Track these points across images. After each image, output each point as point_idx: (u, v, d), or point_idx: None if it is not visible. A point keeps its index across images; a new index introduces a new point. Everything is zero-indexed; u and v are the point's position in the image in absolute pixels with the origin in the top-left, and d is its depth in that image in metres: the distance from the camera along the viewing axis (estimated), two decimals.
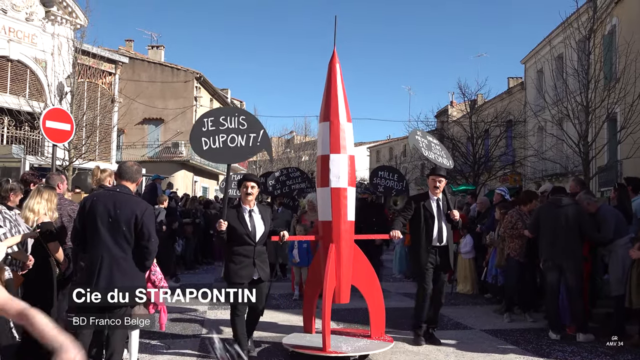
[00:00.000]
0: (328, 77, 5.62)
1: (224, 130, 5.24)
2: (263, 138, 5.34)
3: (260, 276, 5.01)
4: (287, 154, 39.25)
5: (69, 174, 13.09)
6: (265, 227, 5.10)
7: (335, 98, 5.54)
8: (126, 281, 4.05)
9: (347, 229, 5.45)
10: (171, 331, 6.21)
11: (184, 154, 28.64)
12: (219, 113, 5.43)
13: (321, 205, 5.58)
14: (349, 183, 5.48)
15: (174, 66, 29.91)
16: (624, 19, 16.61)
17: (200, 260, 13.17)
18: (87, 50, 15.84)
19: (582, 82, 13.00)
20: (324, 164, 5.49)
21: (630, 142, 12.49)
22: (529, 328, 6.55)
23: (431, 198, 5.87)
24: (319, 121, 5.68)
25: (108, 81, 21.72)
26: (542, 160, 19.20)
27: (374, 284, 5.71)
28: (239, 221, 5.00)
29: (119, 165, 4.47)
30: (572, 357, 5.30)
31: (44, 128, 8.65)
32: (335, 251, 5.35)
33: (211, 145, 5.22)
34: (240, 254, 4.95)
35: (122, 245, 4.08)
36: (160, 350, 5.45)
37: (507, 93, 27.19)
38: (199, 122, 5.33)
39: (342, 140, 5.47)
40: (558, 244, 6.00)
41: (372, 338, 5.56)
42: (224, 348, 4.86)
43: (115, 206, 4.09)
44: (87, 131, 15.26)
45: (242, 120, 5.29)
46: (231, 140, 5.24)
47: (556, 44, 18.96)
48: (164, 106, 28.62)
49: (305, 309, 5.93)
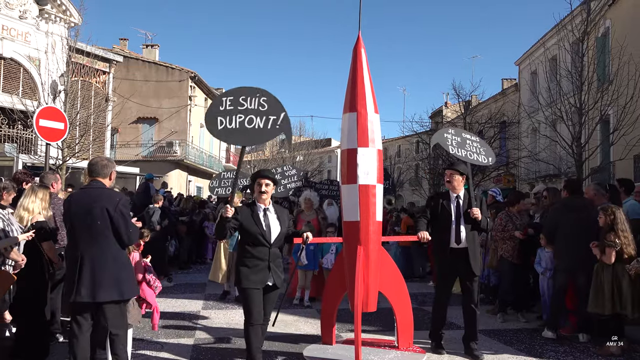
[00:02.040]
0: (353, 64, 5.15)
1: (242, 110, 4.90)
2: (283, 121, 4.94)
3: (275, 282, 4.61)
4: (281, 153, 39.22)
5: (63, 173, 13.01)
6: (282, 228, 4.67)
7: (362, 86, 5.08)
8: (108, 278, 4.02)
9: (376, 230, 5.05)
10: (165, 331, 6.19)
11: (178, 153, 28.56)
12: (240, 92, 5.00)
13: (347, 204, 5.12)
14: (377, 180, 5.06)
15: (168, 65, 29.82)
16: (618, 21, 16.72)
17: (193, 260, 13.15)
18: (81, 48, 15.73)
19: (575, 84, 13.07)
20: (351, 159, 5.05)
21: (623, 143, 12.57)
22: (522, 328, 6.58)
23: (451, 196, 5.40)
24: (344, 112, 5.21)
25: (102, 80, 21.63)
26: (536, 162, 19.28)
27: (402, 291, 5.33)
28: (252, 220, 4.55)
29: (88, 163, 4.39)
30: (565, 357, 5.34)
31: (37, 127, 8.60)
32: (364, 254, 4.93)
33: (227, 125, 4.87)
34: (254, 256, 4.52)
35: (100, 241, 4.05)
36: (153, 351, 5.43)
37: (501, 94, 27.30)
38: (217, 101, 4.99)
39: (371, 132, 5.04)
40: (573, 247, 5.88)
41: (400, 349, 5.24)
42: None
43: (88, 203, 4.08)
44: (80, 130, 15.16)
45: (262, 102, 4.94)
46: (249, 121, 4.89)
47: (550, 45, 19.05)
48: (158, 105, 28.53)
49: (324, 318, 5.50)
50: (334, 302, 5.41)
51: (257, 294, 4.48)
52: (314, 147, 42.12)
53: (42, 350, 4.82)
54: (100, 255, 4.05)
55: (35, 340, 4.78)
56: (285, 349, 5.54)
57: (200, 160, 31.26)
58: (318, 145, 45.02)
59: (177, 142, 28.41)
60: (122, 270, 4.12)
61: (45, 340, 4.91)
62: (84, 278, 4.01)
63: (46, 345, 4.89)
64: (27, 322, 4.80)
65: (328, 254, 7.91)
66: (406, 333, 5.27)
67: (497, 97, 27.08)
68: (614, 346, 5.36)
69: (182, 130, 28.71)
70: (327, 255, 7.93)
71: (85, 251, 4.05)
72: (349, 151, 5.08)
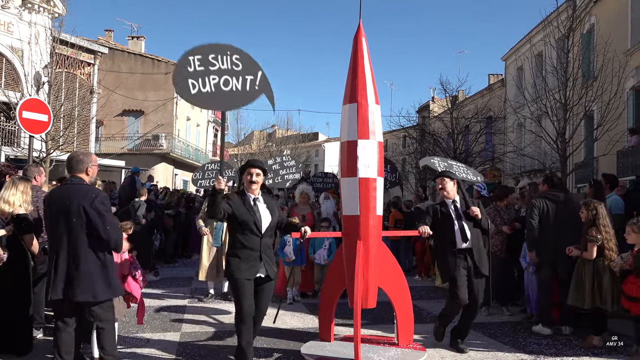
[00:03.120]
0: (354, 53, 4.97)
1: (215, 71, 4.51)
2: (262, 81, 4.60)
3: (268, 273, 4.49)
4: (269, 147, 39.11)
5: (46, 166, 12.85)
6: (272, 217, 4.54)
7: (362, 77, 4.91)
8: (82, 278, 3.96)
9: (376, 225, 4.92)
10: (150, 325, 6.16)
11: (164, 146, 28.35)
12: (208, 50, 4.56)
13: (346, 198, 4.96)
14: (378, 173, 4.93)
15: (154, 57, 29.53)
16: (602, 18, 16.88)
17: (179, 254, 13.10)
18: (66, 39, 15.49)
19: (560, 80, 13.20)
20: (351, 151, 4.88)
21: (607, 139, 12.73)
22: (506, 321, 6.66)
23: (447, 202, 5.36)
24: (344, 103, 5.03)
25: (87, 72, 21.33)
26: (521, 157, 19.46)
27: (402, 286, 5.21)
28: (245, 207, 4.39)
29: (67, 158, 4.28)
30: (548, 349, 5.42)
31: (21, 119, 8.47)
32: (364, 249, 4.82)
33: (201, 89, 4.49)
34: (245, 246, 4.37)
35: (75, 239, 3.98)
36: (138, 345, 5.40)
37: (488, 89, 27.45)
38: (183, 61, 4.54)
39: (372, 124, 4.88)
40: (556, 240, 5.90)
41: (400, 346, 5.11)
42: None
43: (65, 200, 4.02)
44: (65, 122, 14.95)
45: (235, 60, 4.55)
46: (225, 82, 4.53)
47: (536, 41, 19.20)
48: (144, 98, 28.25)
49: (322, 315, 5.37)
50: (332, 299, 5.29)
51: (248, 285, 4.35)
52: (301, 141, 42.06)
53: (25, 346, 4.77)
54: (75, 252, 3.98)
55: (18, 336, 4.73)
56: (273, 344, 5.53)
57: (186, 153, 31.07)
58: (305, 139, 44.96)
59: (163, 135, 28.19)
60: (97, 270, 4.01)
61: (29, 336, 4.86)
62: (58, 276, 3.97)
63: (29, 341, 4.84)
64: (10, 317, 4.74)
65: (321, 250, 7.74)
66: (406, 330, 5.16)
67: (483, 92, 27.22)
68: (596, 339, 5.45)
69: (168, 123, 28.49)
70: (319, 251, 7.75)
71: (61, 248, 4.00)
72: (348, 143, 4.93)
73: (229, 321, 6.50)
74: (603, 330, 5.52)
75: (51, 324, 5.32)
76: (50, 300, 4.03)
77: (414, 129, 25.76)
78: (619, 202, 6.94)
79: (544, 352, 5.33)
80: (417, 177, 23.73)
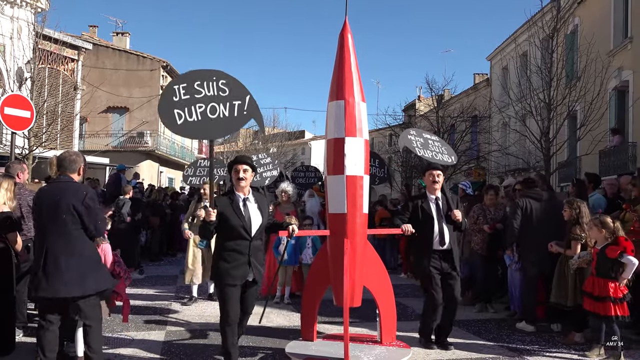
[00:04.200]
0: (340, 50, 4.91)
1: (200, 98, 4.38)
2: (250, 105, 4.46)
3: (255, 277, 4.36)
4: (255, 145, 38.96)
5: (29, 163, 12.66)
6: (263, 218, 4.38)
7: (349, 73, 4.86)
8: (72, 274, 3.96)
9: (362, 223, 4.90)
10: (135, 324, 6.12)
11: (149, 143, 28.11)
12: (193, 78, 4.43)
13: (333, 196, 4.89)
14: (365, 171, 4.90)
15: (139, 54, 29.26)
16: (586, 19, 17.09)
17: (164, 252, 13.02)
18: (49, 35, 15.26)
19: (545, 80, 13.32)
20: (338, 149, 4.81)
21: (589, 139, 12.89)
22: (490, 319, 6.73)
23: (429, 197, 5.35)
24: (330, 100, 4.95)
25: (70, 68, 21.07)
26: (506, 156, 19.65)
27: (386, 285, 5.20)
28: (232, 210, 4.25)
29: (57, 157, 4.31)
30: (531, 345, 5.49)
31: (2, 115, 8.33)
32: (351, 248, 4.78)
33: (187, 118, 4.34)
34: (233, 249, 4.23)
35: (65, 236, 3.99)
36: (123, 344, 5.36)
37: (473, 89, 27.65)
38: (168, 91, 4.41)
39: (359, 122, 4.84)
40: (542, 238, 5.95)
41: (383, 344, 5.11)
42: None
43: (54, 197, 4.04)
44: (48, 119, 14.74)
45: (222, 85, 4.43)
46: (211, 110, 4.38)
47: (521, 41, 19.38)
48: (128, 95, 27.98)
49: (305, 315, 5.27)
50: (314, 299, 5.21)
51: (235, 291, 4.24)
52: (288, 138, 41.94)
53: (8, 345, 4.71)
54: (65, 250, 3.98)
55: (1, 335, 4.66)
56: (259, 342, 5.52)
57: (172, 151, 30.85)
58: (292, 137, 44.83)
59: (149, 132, 27.96)
60: (87, 266, 4.03)
61: (12, 335, 4.80)
62: (47, 272, 3.95)
63: (12, 340, 4.78)
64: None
65: (306, 249, 7.61)
66: (389, 328, 5.16)
67: (469, 92, 27.41)
68: (577, 335, 5.53)
69: (154, 121, 28.23)
70: (305, 251, 7.61)
71: (50, 245, 3.99)
72: (335, 141, 4.86)
73: (214, 320, 6.47)
74: (584, 326, 5.61)
75: (33, 322, 5.26)
76: (37, 297, 3.99)
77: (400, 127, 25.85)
78: (601, 201, 7.03)
79: (527, 348, 5.41)
80: (402, 176, 23.83)
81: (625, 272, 4.92)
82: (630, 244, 4.98)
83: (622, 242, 4.95)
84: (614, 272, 4.96)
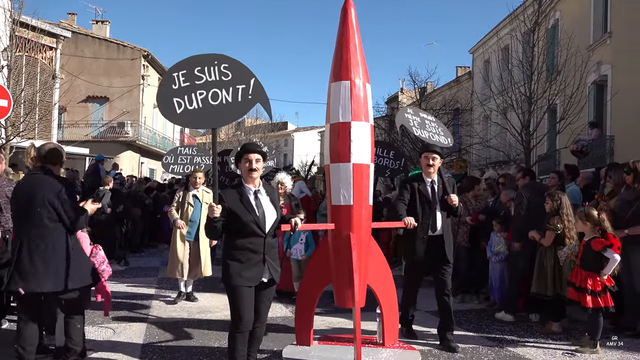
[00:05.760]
0: (342, 26, 4.51)
1: (202, 84, 4.03)
2: (255, 89, 4.07)
3: (272, 277, 3.86)
4: (237, 136, 38.74)
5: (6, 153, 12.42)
6: (277, 212, 3.92)
7: (354, 51, 4.45)
8: (47, 268, 3.91)
9: (368, 216, 4.53)
10: (116, 315, 6.07)
11: (130, 134, 27.73)
12: (193, 63, 4.07)
13: (336, 186, 4.48)
14: (371, 159, 4.54)
15: (120, 43, 28.77)
16: (566, 13, 17.29)
17: (146, 243, 12.92)
18: (26, 22, 14.93)
19: (526, 74, 13.46)
20: (344, 134, 4.42)
21: (569, 132, 13.08)
22: (471, 309, 6.82)
23: (425, 181, 5.11)
24: (331, 80, 4.55)
25: (49, 56, 20.64)
26: (487, 148, 19.83)
27: (389, 284, 4.85)
28: (242, 205, 3.76)
29: (38, 148, 4.24)
30: (510, 335, 5.59)
31: None
32: (357, 243, 4.41)
33: (187, 107, 3.98)
34: (246, 248, 3.74)
35: (40, 229, 3.94)
36: (104, 336, 5.32)
37: (456, 82, 27.81)
38: (167, 78, 4.06)
39: (365, 105, 4.47)
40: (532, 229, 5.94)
41: (385, 346, 4.77)
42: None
43: (31, 190, 4.00)
44: (25, 108, 14.44)
45: (224, 70, 4.06)
46: (213, 96, 4.02)
47: (503, 35, 19.52)
48: (109, 84, 27.54)
49: (300, 318, 4.80)
50: (311, 300, 4.78)
51: (248, 293, 3.73)
52: (271, 130, 41.78)
53: None
54: (40, 243, 3.93)
55: None
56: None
57: (153, 141, 30.49)
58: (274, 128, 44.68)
59: (129, 122, 27.57)
60: (64, 260, 3.97)
61: None
62: (21, 266, 3.90)
63: None
64: None
65: (297, 244, 7.02)
66: (392, 329, 4.83)
67: (451, 85, 27.56)
68: (555, 325, 5.64)
69: (135, 111, 27.87)
70: (295, 245, 7.00)
71: (25, 238, 3.94)
72: (341, 125, 4.45)
73: (197, 310, 6.46)
74: (562, 316, 5.72)
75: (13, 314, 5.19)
76: (11, 290, 3.93)
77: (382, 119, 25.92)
78: (575, 193, 7.16)
79: (506, 338, 5.50)
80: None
81: (606, 267, 4.93)
82: (617, 241, 4.96)
83: (610, 238, 4.95)
84: (596, 265, 4.98)
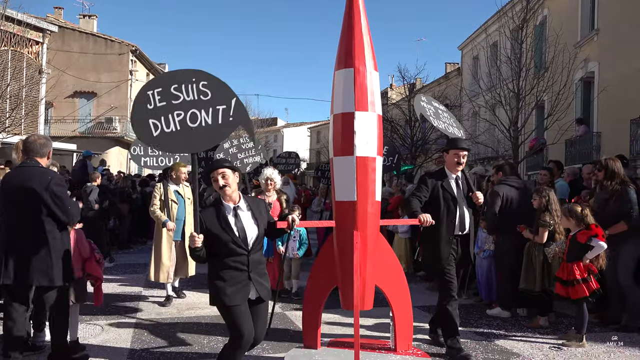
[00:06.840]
0: (348, 9, 4.27)
1: (179, 104, 3.70)
2: (237, 109, 3.77)
3: (259, 295, 3.68)
4: None
5: None
6: (260, 227, 3.69)
7: (360, 37, 4.20)
8: (36, 262, 3.89)
9: (375, 212, 4.28)
10: (105, 311, 6.03)
11: (118, 129, 27.55)
12: (170, 80, 3.76)
13: (340, 181, 4.26)
14: (377, 152, 4.25)
15: (107, 37, 28.53)
16: (554, 10, 17.41)
17: (134, 240, 12.84)
18: (11, 16, 14.77)
19: (514, 70, 13.56)
20: (346, 125, 4.18)
21: (556, 128, 13.21)
22: (460, 304, 6.83)
23: (449, 176, 4.77)
24: (336, 68, 4.31)
25: (35, 51, 20.41)
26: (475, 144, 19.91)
27: (401, 285, 4.57)
28: (218, 224, 3.58)
29: (24, 141, 4.19)
30: (498, 330, 5.64)
31: None
32: (362, 241, 4.18)
33: (164, 129, 3.67)
34: (229, 267, 3.57)
35: (29, 223, 3.92)
36: (92, 333, 5.29)
37: (445, 78, 27.93)
38: (141, 98, 3.71)
39: (371, 94, 4.21)
40: (509, 224, 5.91)
41: (398, 352, 4.48)
42: None
43: (19, 183, 3.95)
44: (11, 103, 14.32)
45: (203, 88, 3.74)
46: (192, 118, 3.70)
47: (492, 32, 19.61)
48: (96, 79, 27.31)
49: (307, 320, 4.61)
50: (318, 301, 4.56)
51: (242, 309, 3.55)
52: (260, 126, 41.75)
53: None
54: (29, 237, 3.90)
55: None
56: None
57: None
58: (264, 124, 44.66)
59: (117, 118, 27.39)
60: (52, 255, 3.95)
61: None
62: (10, 260, 3.88)
63: None
64: None
65: (290, 242, 6.74)
66: (405, 334, 4.56)
67: (440, 81, 27.68)
68: (542, 319, 5.70)
69: (122, 106, 27.66)
70: (289, 243, 6.68)
71: (14, 232, 3.90)
72: (343, 116, 4.21)
73: (186, 307, 6.45)
74: (549, 311, 5.78)
75: None
76: (2, 284, 3.90)
77: None
78: (563, 188, 7.23)
79: (494, 332, 5.55)
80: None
81: (590, 252, 4.99)
82: (600, 229, 5.04)
83: (593, 229, 5.03)
84: (582, 255, 5.04)
